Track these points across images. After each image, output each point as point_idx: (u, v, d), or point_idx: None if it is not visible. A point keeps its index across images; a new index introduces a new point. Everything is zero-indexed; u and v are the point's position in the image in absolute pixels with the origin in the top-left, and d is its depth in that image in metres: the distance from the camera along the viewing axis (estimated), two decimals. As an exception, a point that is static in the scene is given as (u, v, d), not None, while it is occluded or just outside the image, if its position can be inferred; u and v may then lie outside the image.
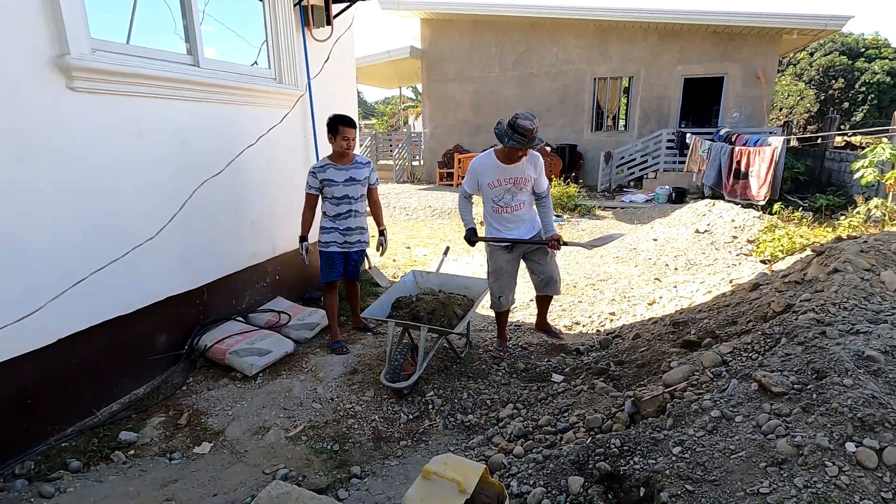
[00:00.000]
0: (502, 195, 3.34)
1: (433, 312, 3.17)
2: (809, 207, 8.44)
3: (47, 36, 2.41)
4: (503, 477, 2.04)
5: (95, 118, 2.68)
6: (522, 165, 3.27)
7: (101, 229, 2.76)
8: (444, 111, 13.57)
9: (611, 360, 3.25)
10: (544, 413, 2.65)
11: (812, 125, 19.77)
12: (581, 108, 12.37)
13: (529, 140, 3.06)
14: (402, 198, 10.35)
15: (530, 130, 3.03)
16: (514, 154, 3.18)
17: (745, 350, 2.38)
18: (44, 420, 2.56)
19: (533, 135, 3.06)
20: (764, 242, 5.85)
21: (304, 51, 4.25)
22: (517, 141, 3.06)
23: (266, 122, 3.93)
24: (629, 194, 10.75)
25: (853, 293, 2.56)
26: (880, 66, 20.66)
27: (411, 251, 6.91)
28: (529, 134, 3.04)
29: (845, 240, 3.63)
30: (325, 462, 2.52)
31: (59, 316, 2.56)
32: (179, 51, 3.32)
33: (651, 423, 2.04)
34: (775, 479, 1.56)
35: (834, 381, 1.80)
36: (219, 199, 3.55)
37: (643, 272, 5.65)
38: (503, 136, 3.11)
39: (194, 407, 2.96)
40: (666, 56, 11.41)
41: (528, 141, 3.06)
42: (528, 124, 3.02)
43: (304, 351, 3.63)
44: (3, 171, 2.29)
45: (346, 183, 3.45)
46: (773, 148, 8.44)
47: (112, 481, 2.30)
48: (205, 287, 3.51)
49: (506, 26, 12.39)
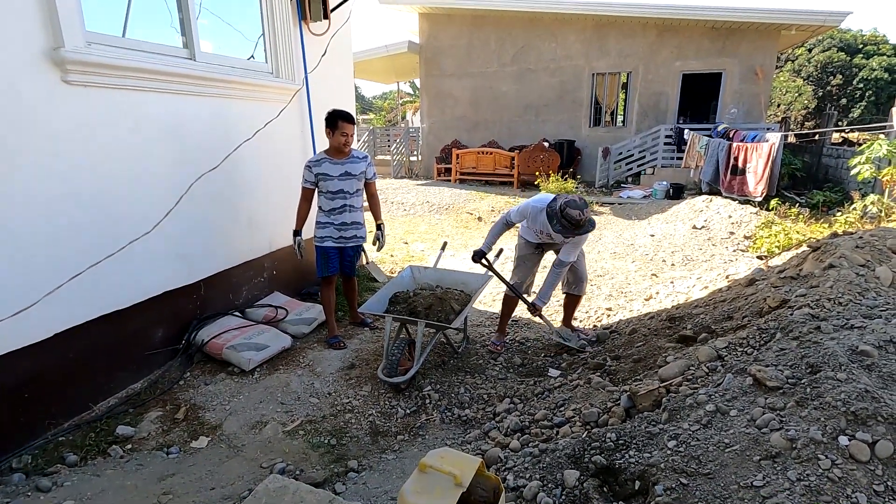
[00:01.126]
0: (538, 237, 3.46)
1: (430, 307, 3.17)
2: (806, 203, 8.47)
3: (42, 29, 2.39)
4: (499, 471, 2.05)
5: (90, 112, 2.67)
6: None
7: (96, 223, 2.75)
8: (442, 106, 13.54)
9: (607, 355, 3.26)
10: (541, 407, 2.67)
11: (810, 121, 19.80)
12: (579, 103, 12.35)
13: (575, 229, 3.00)
14: (399, 193, 10.33)
15: (577, 221, 2.95)
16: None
17: (741, 345, 2.39)
18: (41, 414, 2.56)
19: (581, 224, 2.97)
20: (760, 238, 5.87)
21: (301, 45, 4.23)
22: (563, 227, 3.00)
23: (263, 116, 3.92)
24: (627, 190, 10.76)
25: (848, 288, 2.58)
26: (878, 62, 20.68)
27: (409, 246, 6.90)
28: (577, 224, 2.96)
29: (841, 235, 3.65)
30: (322, 456, 2.52)
31: (55, 310, 2.56)
32: (176, 44, 3.30)
33: (647, 418, 2.05)
34: (769, 472, 1.57)
35: (828, 375, 1.81)
36: (215, 194, 3.54)
37: (640, 268, 5.66)
38: (553, 217, 3.04)
39: (191, 401, 2.96)
40: (664, 52, 11.40)
41: (574, 230, 3.00)
42: (577, 215, 2.95)
43: (301, 346, 3.63)
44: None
45: (342, 177, 3.43)
46: (770, 144, 8.44)
47: (109, 475, 2.31)
48: (202, 282, 3.51)
49: (504, 21, 12.34)
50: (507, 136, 12.90)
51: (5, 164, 2.30)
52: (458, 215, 8.97)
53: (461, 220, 8.73)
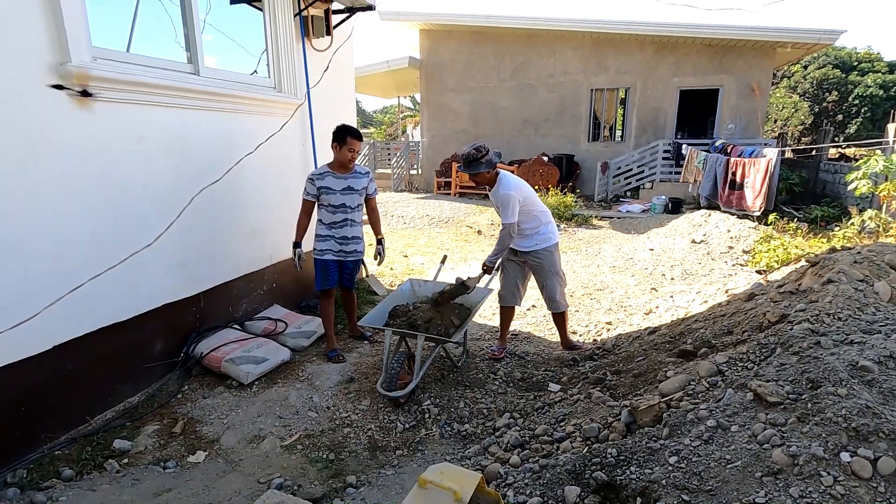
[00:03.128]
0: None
1: (430, 321, 3.17)
2: (804, 218, 8.51)
3: (49, 43, 2.43)
4: (499, 486, 2.04)
5: (96, 125, 2.69)
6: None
7: (98, 235, 2.76)
8: (442, 121, 13.66)
9: (607, 370, 3.25)
10: (541, 422, 2.65)
11: (806, 137, 19.97)
12: (578, 118, 12.47)
13: (466, 165, 3.38)
14: (399, 206, 10.37)
15: (465, 155, 3.37)
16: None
17: (741, 360, 2.38)
18: (37, 427, 2.54)
19: (467, 157, 3.36)
20: (759, 253, 5.89)
21: (303, 60, 4.29)
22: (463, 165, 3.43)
23: (265, 130, 3.96)
24: (626, 204, 10.81)
25: (847, 303, 2.58)
26: (873, 79, 20.93)
27: (409, 259, 6.91)
28: (465, 159, 3.37)
29: (839, 250, 3.66)
30: (320, 471, 2.50)
31: (55, 322, 2.55)
32: (180, 59, 3.35)
33: (647, 433, 2.04)
34: (771, 488, 1.56)
35: (829, 390, 1.81)
36: (217, 207, 3.56)
37: (640, 282, 5.66)
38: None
39: (189, 415, 2.94)
40: (662, 68, 11.54)
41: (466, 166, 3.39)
42: (464, 151, 3.39)
43: (300, 359, 3.61)
44: (3, 177, 2.29)
45: (344, 192, 3.46)
46: (768, 159, 8.51)
47: (105, 490, 2.28)
48: (202, 294, 3.51)
49: (504, 37, 12.52)
50: (506, 151, 13.00)
51: (10, 175, 2.32)
52: (457, 229, 8.99)
53: (461, 234, 8.75)
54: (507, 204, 3.35)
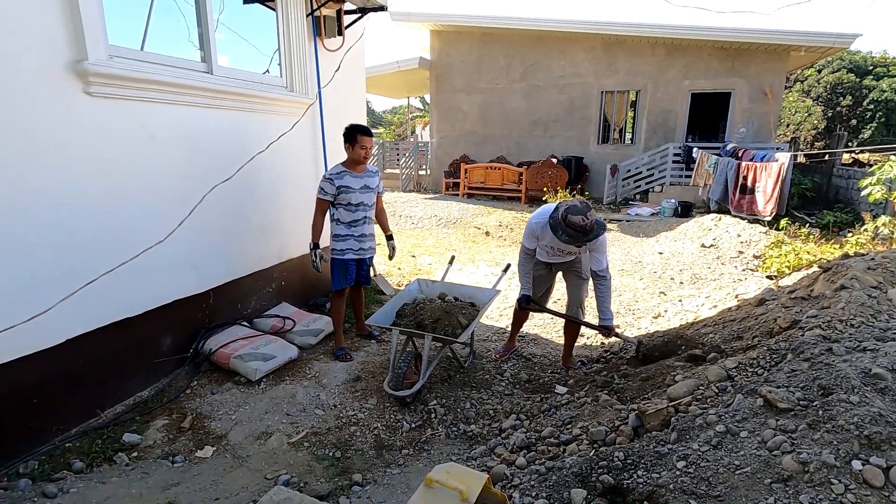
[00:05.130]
0: (552, 255, 3.30)
1: (437, 321, 3.17)
2: (816, 224, 8.41)
3: (66, 41, 2.46)
4: (505, 488, 2.03)
5: (109, 122, 2.73)
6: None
7: (111, 231, 2.79)
8: (451, 121, 13.67)
9: (614, 373, 3.23)
10: (547, 424, 2.64)
11: (819, 142, 19.75)
12: (588, 120, 12.42)
13: (583, 236, 2.76)
14: (408, 206, 10.38)
15: (582, 227, 2.72)
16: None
17: (751, 365, 2.36)
18: (48, 420, 2.57)
19: (587, 229, 2.73)
20: (770, 258, 5.83)
21: (315, 60, 4.31)
22: (570, 236, 2.78)
23: (276, 129, 3.98)
24: (635, 207, 10.74)
25: (860, 310, 2.55)
26: (888, 84, 20.67)
27: (416, 260, 6.92)
28: (582, 230, 2.73)
29: (852, 257, 3.62)
30: (326, 469, 2.51)
31: (67, 316, 2.58)
32: (194, 58, 3.38)
33: (655, 437, 2.02)
34: (780, 495, 1.54)
35: (840, 398, 1.79)
36: (228, 205, 3.59)
37: (648, 285, 5.63)
38: (557, 228, 2.83)
39: (198, 410, 2.97)
40: (673, 70, 11.47)
41: (583, 236, 2.76)
42: (580, 220, 2.71)
43: (307, 357, 3.63)
44: (17, 172, 2.33)
45: (362, 190, 3.48)
46: (779, 164, 8.43)
47: (115, 483, 2.31)
48: (211, 291, 3.54)
49: (514, 39, 12.50)
50: (515, 152, 12.99)
51: (24, 170, 2.35)
52: (465, 229, 8.99)
53: (469, 235, 8.75)
54: (605, 247, 3.01)
